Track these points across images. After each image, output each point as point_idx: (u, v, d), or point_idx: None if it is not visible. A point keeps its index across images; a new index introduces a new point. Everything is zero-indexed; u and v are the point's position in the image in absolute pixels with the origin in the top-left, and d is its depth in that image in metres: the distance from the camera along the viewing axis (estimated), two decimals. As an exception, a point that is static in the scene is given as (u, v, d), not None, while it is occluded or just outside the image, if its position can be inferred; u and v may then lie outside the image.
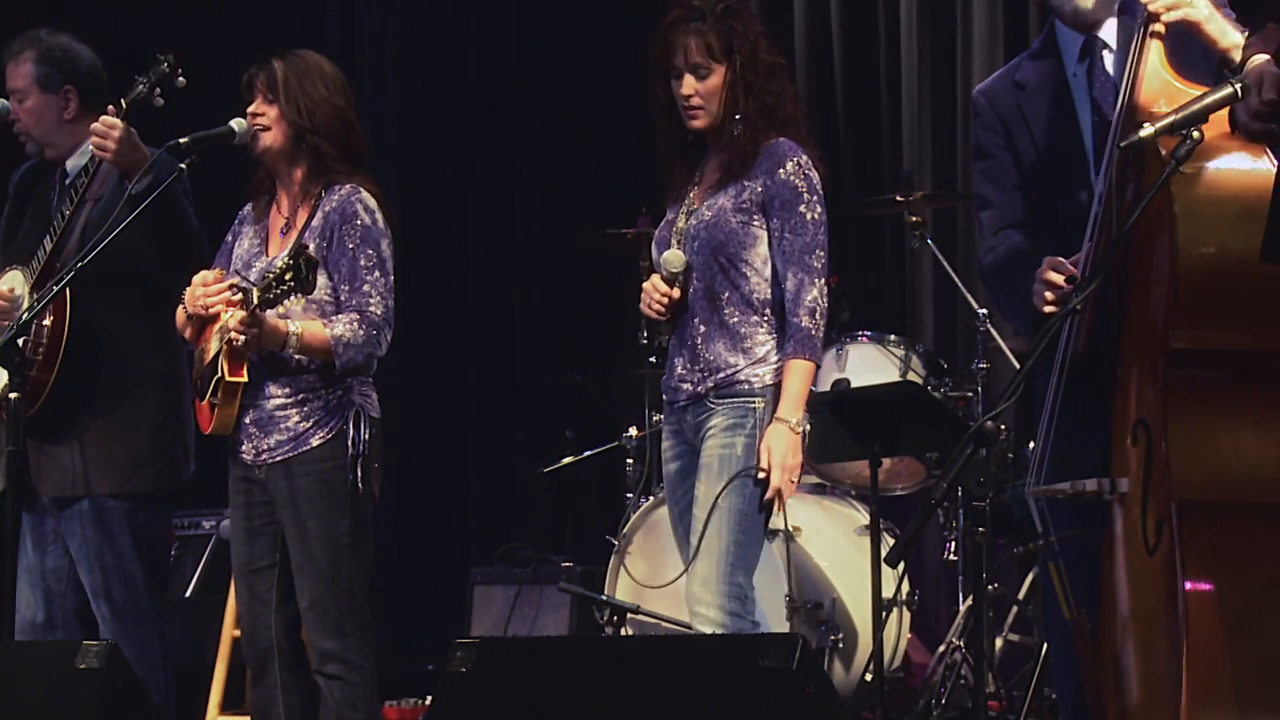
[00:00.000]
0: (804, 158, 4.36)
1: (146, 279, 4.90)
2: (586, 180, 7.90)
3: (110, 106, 4.78)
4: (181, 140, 4.63)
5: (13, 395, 4.43)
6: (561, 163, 8.16)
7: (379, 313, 4.56)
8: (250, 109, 4.65)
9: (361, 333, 4.52)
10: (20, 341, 4.62)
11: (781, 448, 4.26)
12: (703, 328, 4.36)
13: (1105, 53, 3.87)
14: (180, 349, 4.90)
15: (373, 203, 4.62)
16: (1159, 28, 3.68)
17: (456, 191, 8.40)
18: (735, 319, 4.34)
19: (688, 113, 4.38)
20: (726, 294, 4.34)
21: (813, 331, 4.30)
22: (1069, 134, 3.88)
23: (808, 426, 4.30)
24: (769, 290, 4.36)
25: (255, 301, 4.39)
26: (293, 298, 4.40)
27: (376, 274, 4.58)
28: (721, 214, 4.35)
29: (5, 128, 5.12)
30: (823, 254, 4.34)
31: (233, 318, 4.42)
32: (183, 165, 4.63)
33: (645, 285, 4.42)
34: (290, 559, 4.57)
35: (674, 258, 4.38)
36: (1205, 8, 3.71)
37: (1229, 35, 3.70)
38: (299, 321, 4.49)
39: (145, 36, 7.64)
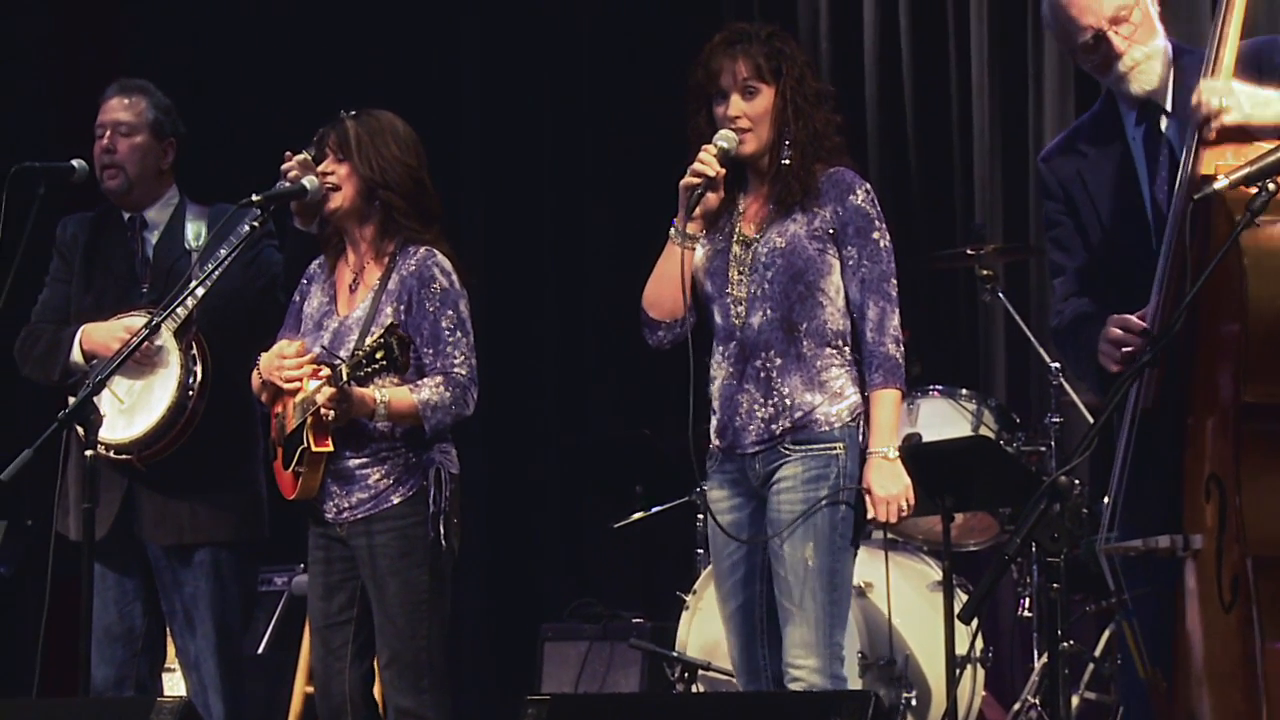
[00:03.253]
0: (869, 185, 4.34)
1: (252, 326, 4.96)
2: (658, 234, 7.92)
3: (304, 152, 4.70)
4: (255, 197, 4.63)
5: (88, 453, 4.43)
6: (633, 216, 8.16)
7: (464, 373, 4.57)
8: (321, 167, 4.66)
9: (449, 395, 4.53)
10: (181, 392, 4.74)
11: (882, 482, 4.22)
12: (778, 360, 4.27)
13: (1162, 116, 3.85)
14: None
15: (448, 264, 4.63)
16: (1209, 135, 3.63)
17: (532, 246, 8.43)
18: (811, 352, 4.26)
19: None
20: (805, 325, 4.26)
21: (900, 360, 4.28)
22: (1130, 198, 3.88)
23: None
24: (841, 321, 4.30)
25: (344, 378, 4.40)
26: (383, 377, 4.42)
27: (458, 334, 4.59)
28: (796, 240, 4.27)
29: (67, 185, 5.07)
30: (896, 282, 4.31)
31: (321, 394, 4.42)
32: (255, 223, 4.63)
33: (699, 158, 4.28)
34: (370, 616, 4.56)
35: (730, 134, 4.28)
36: (1248, 101, 3.63)
37: None
38: (385, 390, 4.50)
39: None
